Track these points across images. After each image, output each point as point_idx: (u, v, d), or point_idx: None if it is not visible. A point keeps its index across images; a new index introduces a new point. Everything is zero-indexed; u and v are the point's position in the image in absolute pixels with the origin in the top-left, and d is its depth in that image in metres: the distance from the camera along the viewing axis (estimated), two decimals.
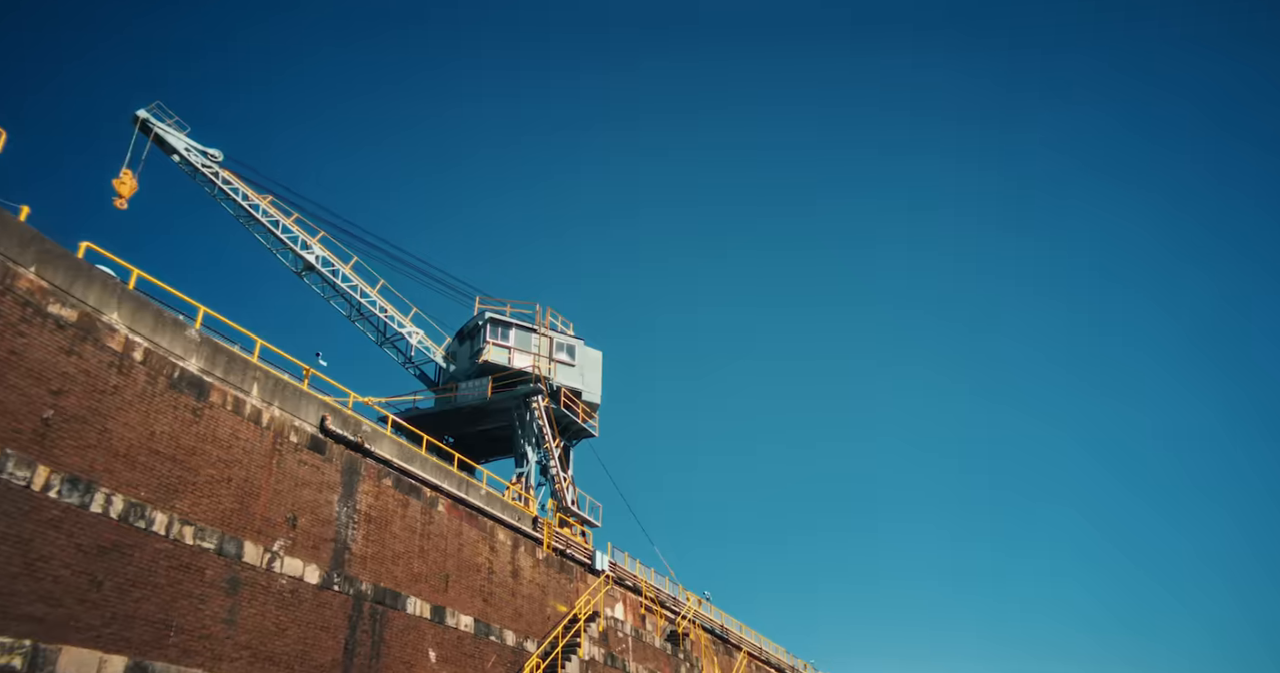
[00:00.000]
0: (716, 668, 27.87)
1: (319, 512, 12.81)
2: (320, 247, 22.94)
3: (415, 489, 15.78)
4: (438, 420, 25.05)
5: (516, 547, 18.96)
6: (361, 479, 14.21)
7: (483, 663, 15.33)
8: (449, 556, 16.20)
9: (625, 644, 20.99)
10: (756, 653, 33.05)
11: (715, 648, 29.51)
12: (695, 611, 28.98)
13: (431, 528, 15.87)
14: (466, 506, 17.52)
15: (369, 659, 12.21)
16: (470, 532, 17.25)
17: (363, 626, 12.32)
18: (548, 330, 28.65)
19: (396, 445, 16.04)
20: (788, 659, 36.47)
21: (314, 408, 13.88)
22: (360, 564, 13.30)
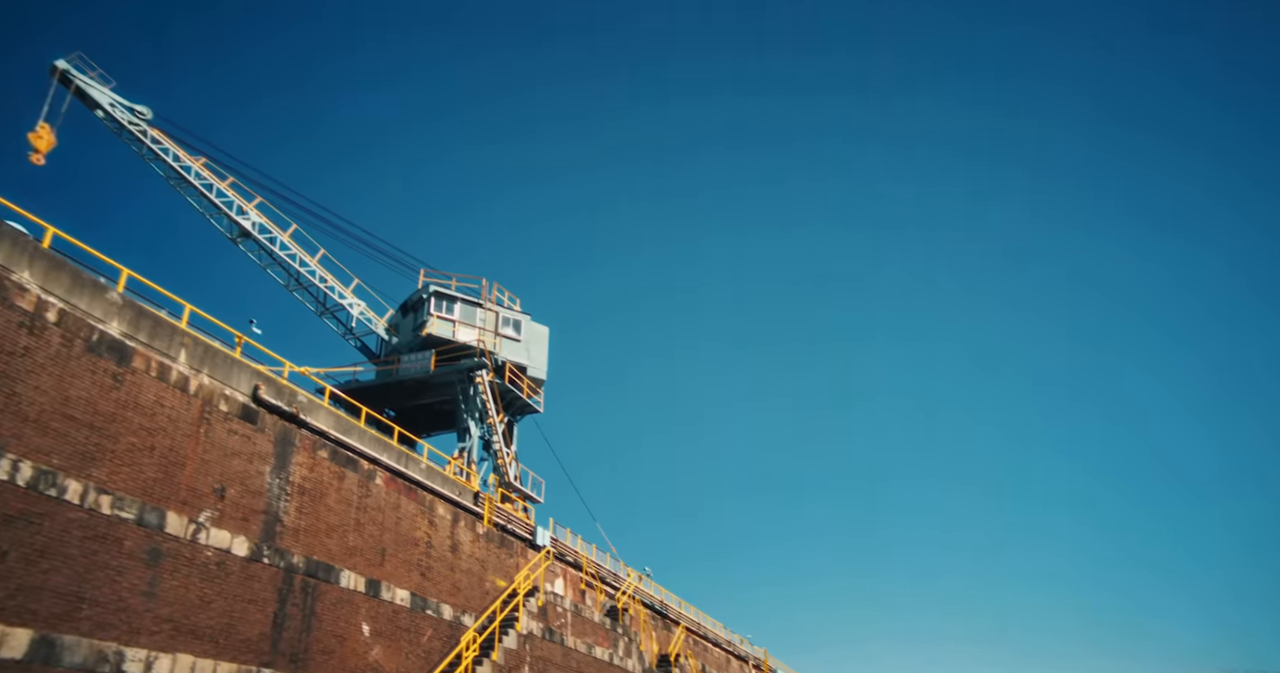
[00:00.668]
0: (654, 643, 28.18)
1: (249, 483, 12.43)
2: (257, 212, 22.12)
3: (352, 462, 15.44)
4: (378, 394, 24.57)
5: (456, 522, 18.77)
6: (296, 451, 13.82)
7: (418, 637, 15.16)
8: (386, 529, 15.93)
9: (564, 619, 21.03)
10: (695, 628, 33.53)
11: (654, 623, 29.83)
12: (635, 586, 29.20)
13: (369, 501, 15.57)
14: (406, 480, 17.22)
15: (299, 633, 11.95)
16: (409, 506, 16.98)
17: (293, 599, 12.03)
18: (494, 305, 28.28)
19: (334, 417, 15.64)
20: (725, 634, 37.11)
21: (246, 377, 13.41)
22: (293, 537, 12.97)
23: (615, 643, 23.25)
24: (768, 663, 40.74)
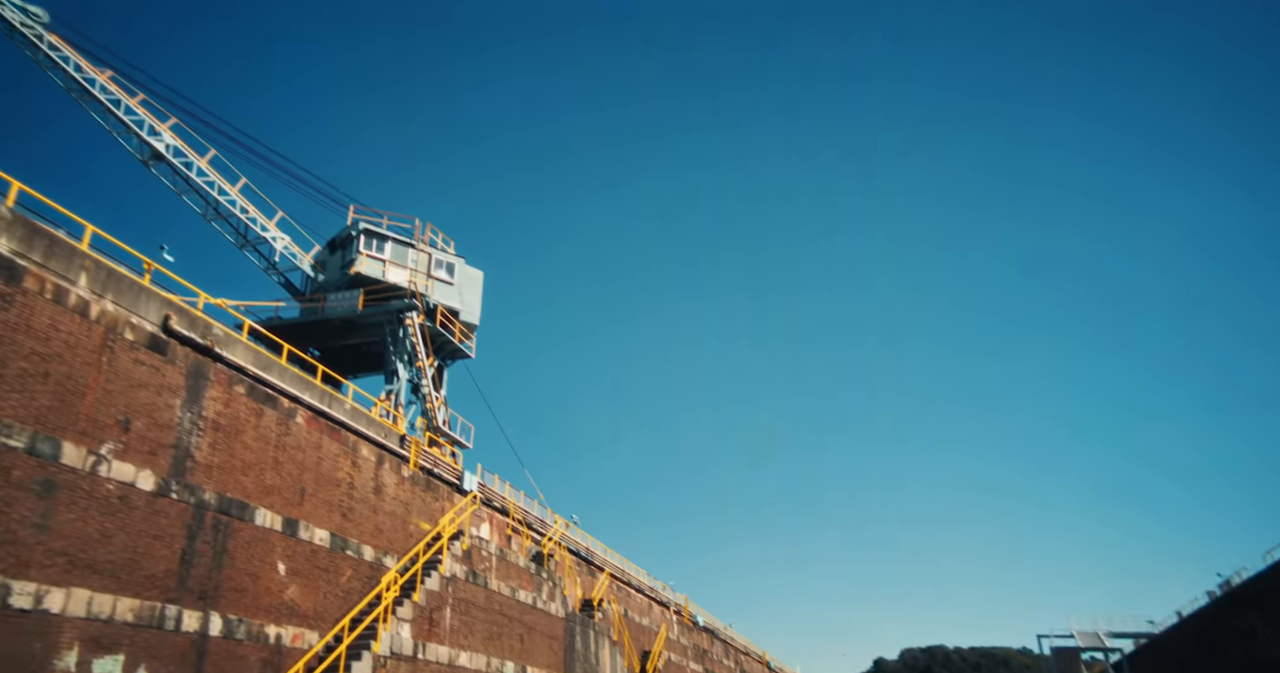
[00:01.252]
0: (579, 588, 28.55)
1: (158, 416, 11.81)
2: (171, 134, 20.70)
3: (272, 399, 14.86)
4: (303, 332, 23.69)
5: (381, 464, 18.39)
6: (210, 385, 13.19)
7: (338, 577, 14.90)
8: (307, 469, 15.48)
9: (489, 563, 21.02)
10: (619, 574, 34.09)
11: (579, 569, 30.17)
12: (562, 533, 29.40)
13: (288, 440, 15.06)
14: (329, 419, 16.71)
15: (210, 570, 11.55)
16: (331, 446, 16.52)
17: (204, 536, 11.60)
18: (426, 246, 27.44)
19: (253, 353, 14.98)
20: (648, 581, 37.89)
21: (156, 305, 12.65)
22: (204, 473, 12.45)
23: (539, 587, 23.42)
24: (688, 609, 41.88)
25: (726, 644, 47.94)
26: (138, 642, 9.87)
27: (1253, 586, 31.30)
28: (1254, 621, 27.18)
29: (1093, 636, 49.77)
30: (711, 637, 44.75)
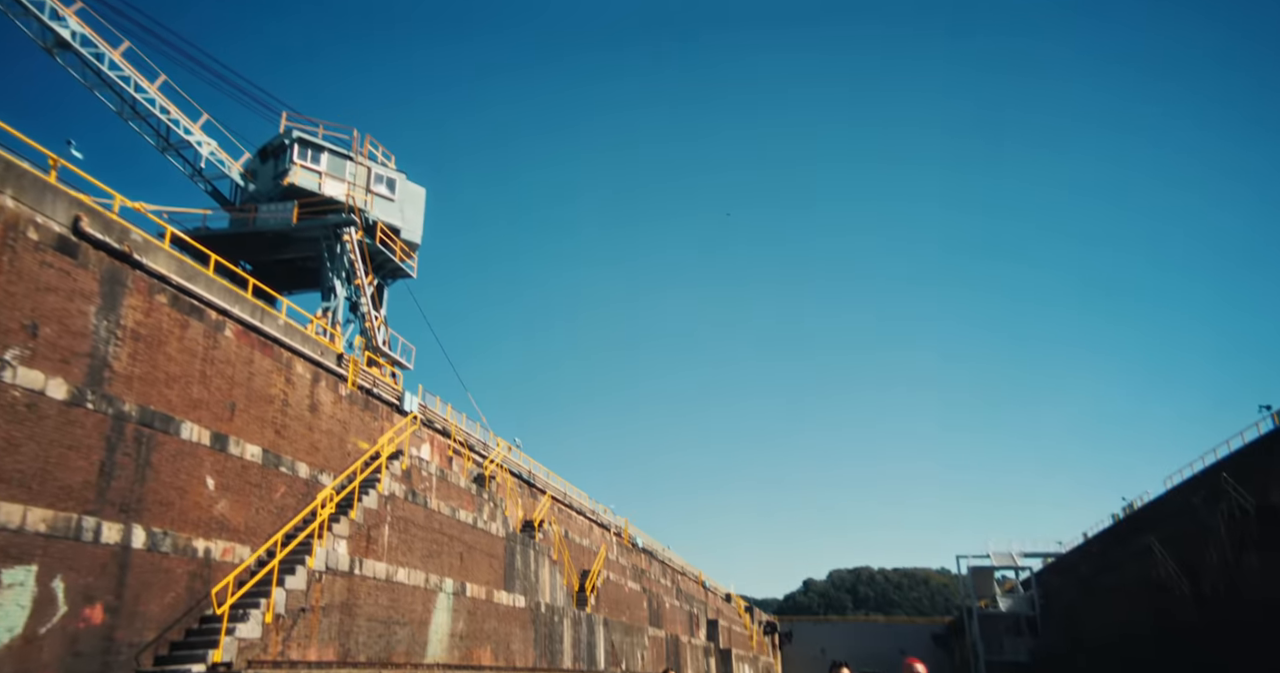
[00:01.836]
0: (520, 509, 28.82)
1: (69, 323, 11.10)
2: (77, 19, 18.90)
3: (198, 311, 14.15)
4: (232, 244, 22.57)
5: (317, 381, 17.89)
6: (128, 293, 12.44)
7: (270, 493, 14.59)
8: (237, 384, 14.93)
9: (429, 483, 20.93)
10: (560, 497, 34.53)
11: (521, 491, 30.41)
12: (504, 456, 29.45)
13: (216, 354, 14.44)
14: (260, 335, 16.07)
15: (132, 483, 11.12)
16: (263, 362, 15.93)
17: (124, 448, 11.11)
18: (366, 160, 26.21)
19: (176, 262, 14.15)
20: (589, 504, 38.52)
21: (64, 205, 11.74)
22: (124, 384, 11.85)
23: (480, 508, 23.51)
24: (628, 531, 42.89)
25: (664, 565, 49.50)
26: (52, 552, 9.48)
27: (1152, 509, 33.44)
28: (1151, 540, 29.09)
29: (1007, 556, 52.94)
30: (650, 558, 46.09)
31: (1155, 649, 26.15)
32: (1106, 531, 40.49)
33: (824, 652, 62.47)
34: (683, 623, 42.60)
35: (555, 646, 23.71)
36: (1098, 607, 33.98)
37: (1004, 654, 47.29)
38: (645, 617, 36.00)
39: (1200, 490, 28.55)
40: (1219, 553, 22.57)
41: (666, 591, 43.81)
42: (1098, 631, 33.06)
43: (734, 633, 56.36)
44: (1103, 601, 33.29)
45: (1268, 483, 22.16)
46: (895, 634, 70.38)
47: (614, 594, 32.71)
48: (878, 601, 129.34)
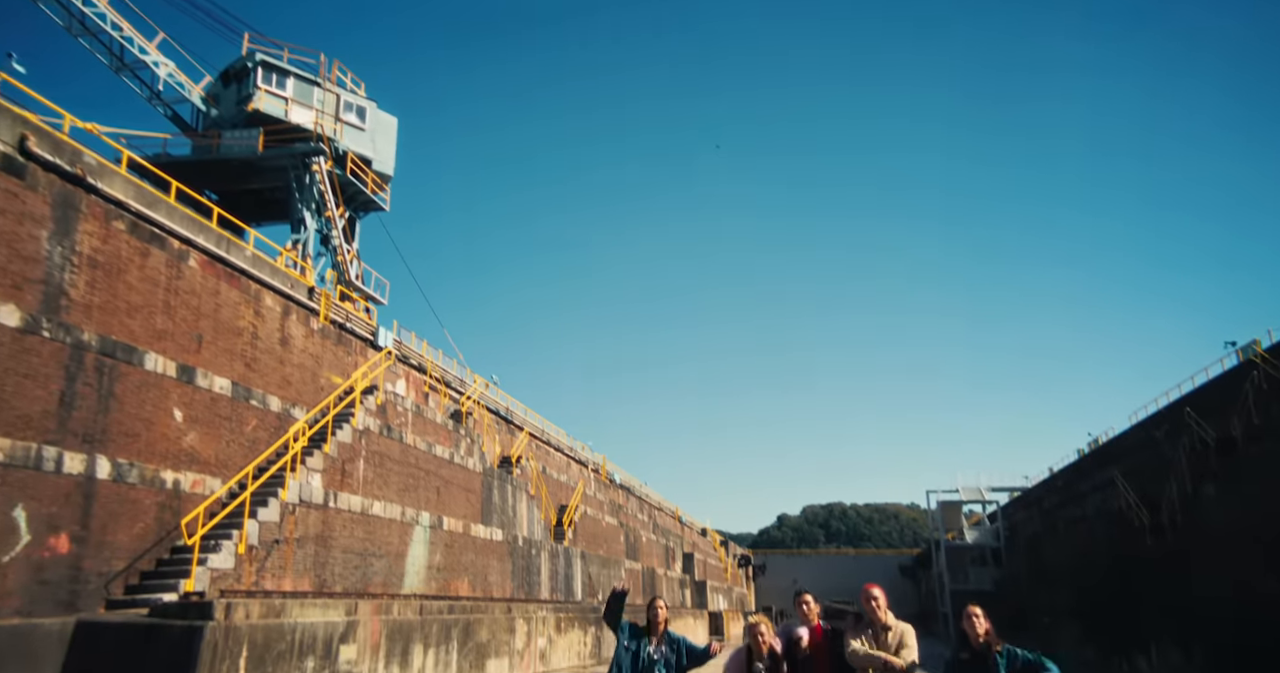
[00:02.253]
0: (497, 445, 28.92)
1: (20, 247, 10.63)
2: None
3: (159, 239, 13.65)
4: (195, 171, 21.72)
5: (288, 315, 17.51)
6: (82, 218, 11.92)
7: (241, 426, 14.39)
8: (204, 316, 14.55)
9: (405, 418, 20.82)
10: (538, 434, 34.71)
11: (498, 427, 30.47)
12: (481, 392, 29.39)
13: (181, 284, 14.00)
14: (227, 265, 15.61)
15: (95, 414, 10.85)
16: (231, 293, 15.51)
17: (85, 378, 10.80)
18: (334, 86, 25.18)
19: (134, 187, 13.57)
20: (567, 441, 38.80)
21: (8, 123, 11.11)
22: (82, 313, 11.46)
23: (457, 443, 23.52)
24: (606, 468, 43.41)
25: (641, 500, 50.35)
26: (11, 481, 9.27)
27: (1116, 444, 34.30)
28: (1114, 474, 29.92)
29: (975, 491, 54.42)
30: (627, 493, 46.83)
31: (1108, 575, 27.16)
32: (1071, 465, 41.58)
33: (795, 583, 64.51)
34: (659, 556, 43.58)
35: (533, 577, 24.11)
36: (1059, 538, 35.14)
37: (968, 584, 49.06)
38: (622, 550, 36.73)
39: (1164, 425, 29.23)
40: (1178, 484, 23.20)
41: (643, 525, 44.66)
42: (1057, 560, 34.28)
43: (709, 566, 57.89)
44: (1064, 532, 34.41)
45: (1228, 417, 22.67)
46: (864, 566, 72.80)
47: (591, 529, 33.25)
48: (849, 535, 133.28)
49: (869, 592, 5.82)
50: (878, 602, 5.75)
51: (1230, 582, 18.67)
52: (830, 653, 5.71)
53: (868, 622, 5.72)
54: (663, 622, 6.05)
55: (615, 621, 6.05)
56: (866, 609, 5.72)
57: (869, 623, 5.71)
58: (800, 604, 5.90)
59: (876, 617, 5.69)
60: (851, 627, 5.75)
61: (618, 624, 6.06)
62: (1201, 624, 19.26)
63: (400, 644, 15.14)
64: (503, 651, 20.21)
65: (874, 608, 5.71)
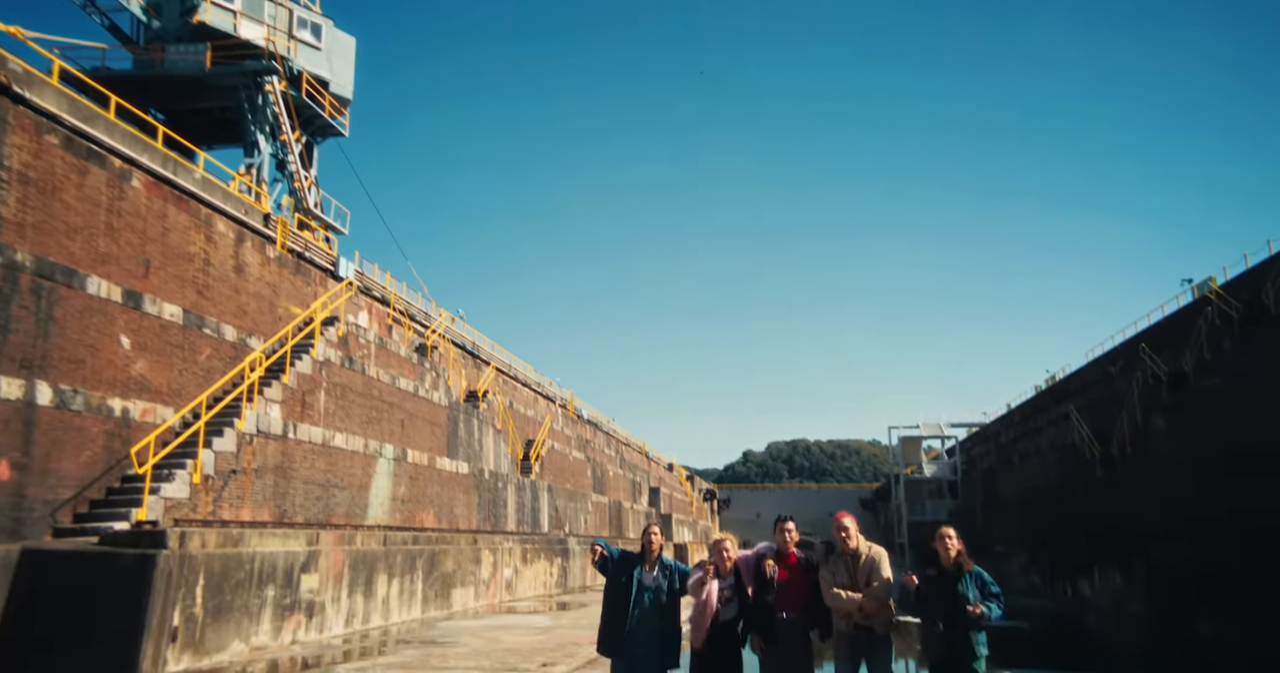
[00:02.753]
0: (463, 379, 28.68)
1: None
2: None
3: (98, 157, 12.86)
4: (138, 87, 20.48)
5: (242, 242, 16.84)
6: (10, 130, 11.13)
7: (195, 355, 13.92)
8: (150, 240, 13.88)
9: (367, 351, 20.42)
10: (505, 369, 34.50)
11: (464, 362, 30.17)
12: (447, 326, 28.96)
13: (124, 206, 13.29)
14: (175, 188, 14.84)
15: (33, 338, 10.34)
16: (180, 218, 14.80)
17: (20, 301, 10.24)
18: (287, 0, 23.76)
19: (68, 100, 12.70)
20: (535, 376, 38.68)
21: None
22: (15, 232, 10.81)
23: (422, 377, 23.23)
24: (573, 403, 43.51)
25: (609, 436, 50.77)
26: None
27: (1072, 379, 35.15)
28: (1069, 408, 30.70)
29: (935, 426, 55.79)
30: (595, 429, 47.13)
31: (1058, 505, 28.11)
32: (1028, 401, 42.64)
33: (759, 516, 66.23)
34: (626, 490, 44.21)
35: (499, 510, 24.24)
36: (1013, 471, 36.24)
37: (925, 515, 50.72)
38: (589, 484, 37.12)
39: (1119, 361, 29.90)
40: (1130, 418, 23.82)
41: (610, 460, 45.14)
42: (1010, 492, 35.42)
43: (675, 500, 58.97)
44: (1019, 465, 35.47)
45: (1181, 352, 23.18)
46: (825, 499, 74.88)
47: (558, 463, 33.46)
48: (812, 470, 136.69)
49: (839, 522, 5.74)
50: (848, 532, 5.68)
51: (1170, 509, 19.36)
52: (805, 581, 5.66)
53: (840, 552, 5.67)
54: (656, 549, 6.01)
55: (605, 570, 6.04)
56: (837, 539, 5.66)
57: (840, 553, 5.66)
58: (782, 531, 5.81)
59: (847, 547, 5.64)
60: (823, 557, 5.70)
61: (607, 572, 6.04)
62: (1143, 549, 20.04)
63: (364, 574, 15.14)
64: (468, 581, 20.41)
65: (844, 539, 5.66)
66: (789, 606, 5.58)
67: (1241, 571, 15.31)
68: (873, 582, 5.50)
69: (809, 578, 5.65)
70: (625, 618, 5.76)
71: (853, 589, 5.50)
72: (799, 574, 5.69)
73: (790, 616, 5.57)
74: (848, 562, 5.59)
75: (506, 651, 11.58)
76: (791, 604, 5.59)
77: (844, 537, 5.64)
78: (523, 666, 10.17)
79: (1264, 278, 21.40)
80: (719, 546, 5.85)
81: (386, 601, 15.96)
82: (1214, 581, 16.36)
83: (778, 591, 5.56)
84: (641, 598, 5.80)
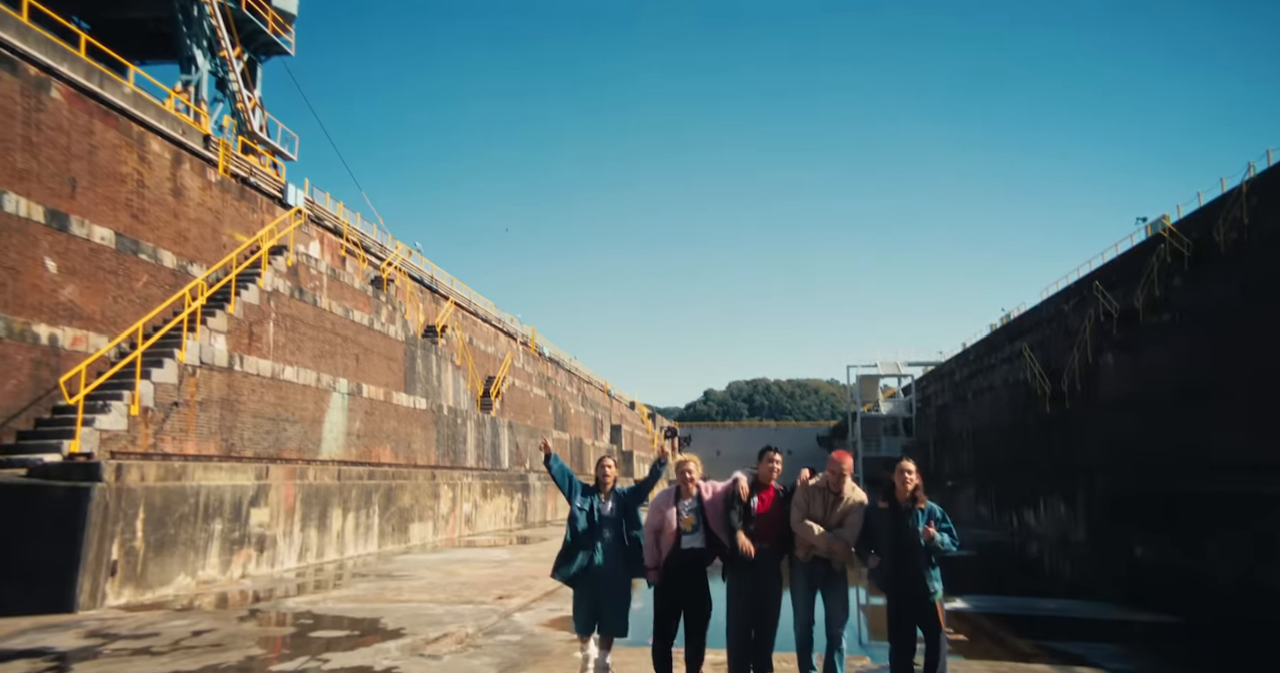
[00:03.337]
0: (421, 314, 28.05)
1: None
2: None
3: (9, 63, 11.80)
4: None
5: (179, 163, 15.85)
6: None
7: (131, 282, 13.18)
8: (75, 158, 12.93)
9: (319, 282, 19.68)
10: (465, 304, 33.86)
11: (422, 296, 29.47)
12: (403, 259, 28.14)
13: (43, 119, 12.29)
14: (102, 103, 13.79)
15: None
16: (108, 135, 13.80)
17: None
18: None
19: None
20: (495, 312, 38.10)
21: None
22: None
23: (378, 311, 22.58)
24: (535, 340, 43.12)
25: (571, 374, 50.64)
26: None
27: (1027, 317, 35.74)
28: (1022, 345, 31.24)
29: (893, 364, 56.73)
30: (556, 366, 46.90)
31: (1008, 440, 28.84)
32: (983, 339, 43.38)
33: (719, 453, 67.30)
34: (587, 427, 44.34)
35: (459, 446, 24.04)
36: (967, 407, 37.06)
37: (880, 451, 52.01)
38: (550, 421, 37.08)
39: (1073, 299, 30.34)
40: (1080, 354, 24.26)
41: (572, 397, 45.09)
42: (962, 426, 36.29)
43: (636, 437, 59.51)
44: (972, 402, 36.26)
45: (1133, 290, 23.51)
46: (783, 436, 76.41)
47: (519, 399, 33.25)
48: (772, 409, 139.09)
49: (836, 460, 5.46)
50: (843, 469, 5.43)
51: (1116, 441, 19.88)
52: (781, 512, 5.47)
53: (825, 484, 5.45)
54: (611, 480, 5.92)
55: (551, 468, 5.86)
56: (829, 474, 5.43)
57: (824, 486, 5.44)
58: (769, 461, 5.56)
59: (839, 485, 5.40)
60: (802, 488, 5.48)
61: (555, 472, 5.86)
62: (1087, 481, 20.64)
63: (317, 508, 14.86)
64: (426, 515, 20.30)
65: (839, 475, 5.41)
66: (766, 536, 5.41)
67: (1178, 499, 15.83)
68: (845, 524, 5.34)
69: (784, 509, 5.47)
70: (585, 549, 5.65)
71: (824, 525, 5.34)
72: (777, 506, 5.51)
73: (765, 546, 5.41)
74: (827, 498, 5.41)
75: (463, 584, 11.48)
76: (768, 535, 5.42)
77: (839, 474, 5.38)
78: (478, 598, 10.06)
79: (1215, 215, 21.60)
80: (683, 467, 5.63)
81: (342, 535, 15.75)
82: (1152, 510, 16.91)
83: (756, 520, 5.39)
84: (601, 529, 5.68)
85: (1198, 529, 14.98)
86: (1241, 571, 13.48)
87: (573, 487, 5.89)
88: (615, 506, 5.79)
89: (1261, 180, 20.24)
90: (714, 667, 5.54)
